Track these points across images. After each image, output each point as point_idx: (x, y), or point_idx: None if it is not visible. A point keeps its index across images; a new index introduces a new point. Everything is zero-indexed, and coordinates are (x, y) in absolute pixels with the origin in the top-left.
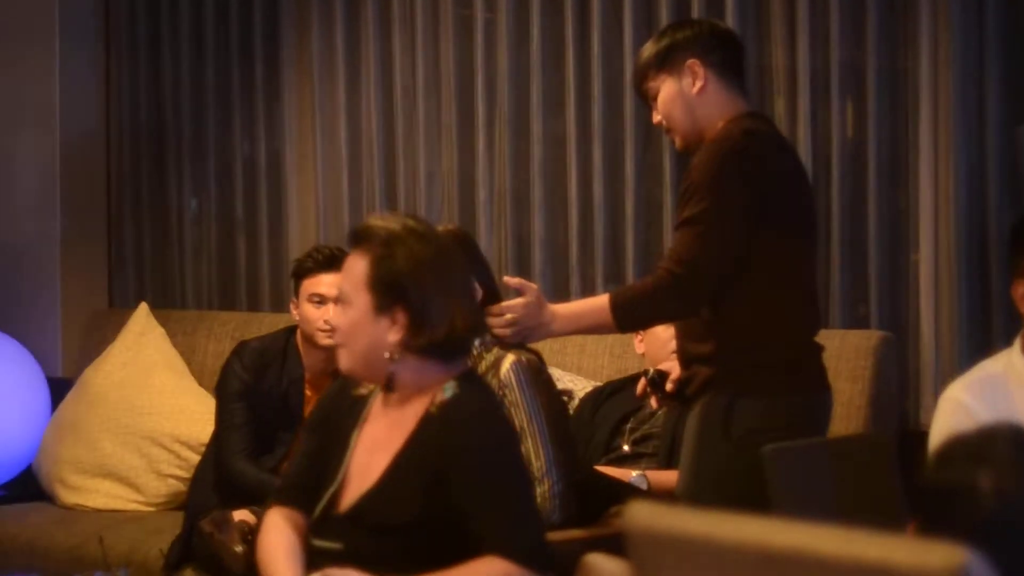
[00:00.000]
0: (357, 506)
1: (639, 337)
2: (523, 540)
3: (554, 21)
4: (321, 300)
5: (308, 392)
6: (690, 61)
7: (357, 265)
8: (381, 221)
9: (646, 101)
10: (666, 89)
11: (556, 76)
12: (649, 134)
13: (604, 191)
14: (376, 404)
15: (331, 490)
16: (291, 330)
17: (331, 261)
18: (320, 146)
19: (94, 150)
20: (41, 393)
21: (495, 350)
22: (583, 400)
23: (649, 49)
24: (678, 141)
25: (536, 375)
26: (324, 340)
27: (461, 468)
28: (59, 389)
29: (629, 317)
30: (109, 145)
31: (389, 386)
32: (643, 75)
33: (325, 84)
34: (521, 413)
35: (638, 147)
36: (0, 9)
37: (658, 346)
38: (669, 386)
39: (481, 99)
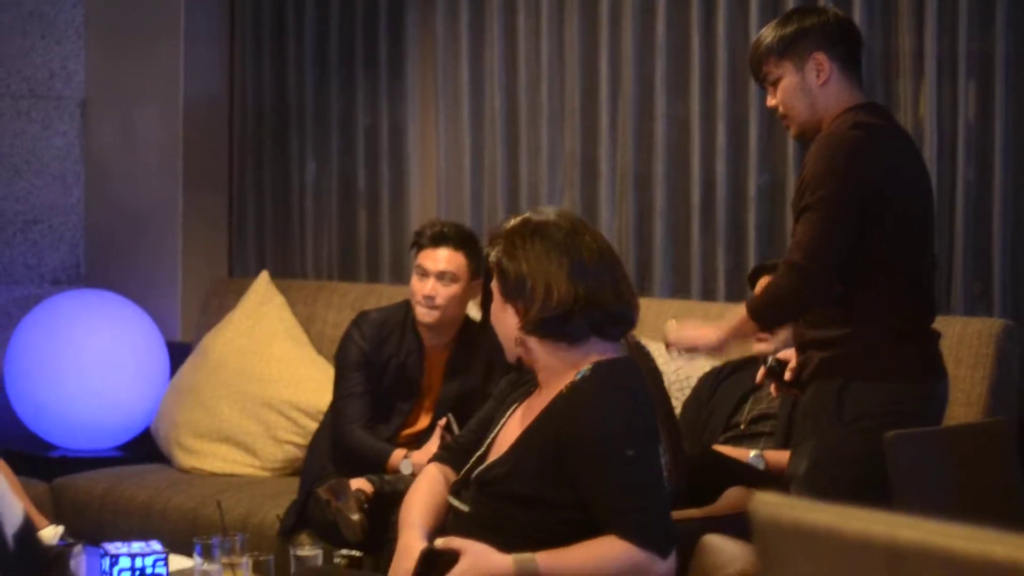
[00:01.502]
0: (484, 473)
1: None
2: (644, 522)
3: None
4: (424, 273)
5: (426, 363)
6: (816, 53)
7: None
8: (507, 218)
9: (761, 83)
10: (788, 78)
11: (681, 56)
12: (773, 115)
13: (727, 172)
14: (537, 388)
15: (476, 456)
16: (410, 302)
17: (439, 238)
18: (443, 122)
19: (217, 120)
20: (160, 357)
21: None
22: (702, 379)
23: (771, 35)
24: (794, 129)
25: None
26: (421, 313)
27: (579, 449)
28: (178, 353)
29: (769, 318)
30: (232, 115)
31: (523, 367)
32: (763, 60)
33: (449, 60)
34: None
35: (762, 128)
36: None
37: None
38: (788, 375)
39: (605, 79)
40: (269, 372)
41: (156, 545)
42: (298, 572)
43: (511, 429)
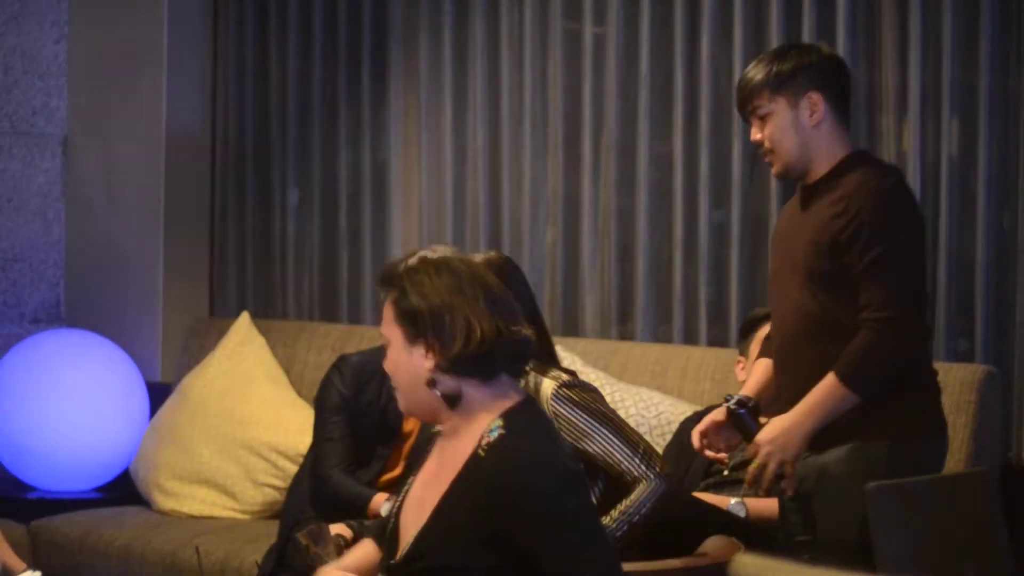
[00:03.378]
0: (411, 552)
1: (741, 364)
2: (601, 571)
3: (663, 37)
4: None
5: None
6: (811, 92)
7: (386, 307)
8: (398, 260)
9: (746, 117)
10: (780, 115)
11: (664, 94)
12: (756, 151)
13: (709, 211)
14: (438, 441)
15: (387, 531)
16: None
17: None
18: (425, 158)
19: (199, 157)
20: (140, 397)
21: (532, 375)
22: (683, 424)
23: (764, 69)
24: (778, 166)
25: (578, 393)
26: None
27: (517, 510)
28: (158, 394)
29: (865, 381)
30: (214, 152)
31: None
32: (755, 93)
33: (432, 95)
34: (581, 431)
35: (745, 166)
36: (111, 13)
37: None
38: (763, 419)
39: (588, 115)
40: (249, 414)
41: None
42: None
43: (419, 492)
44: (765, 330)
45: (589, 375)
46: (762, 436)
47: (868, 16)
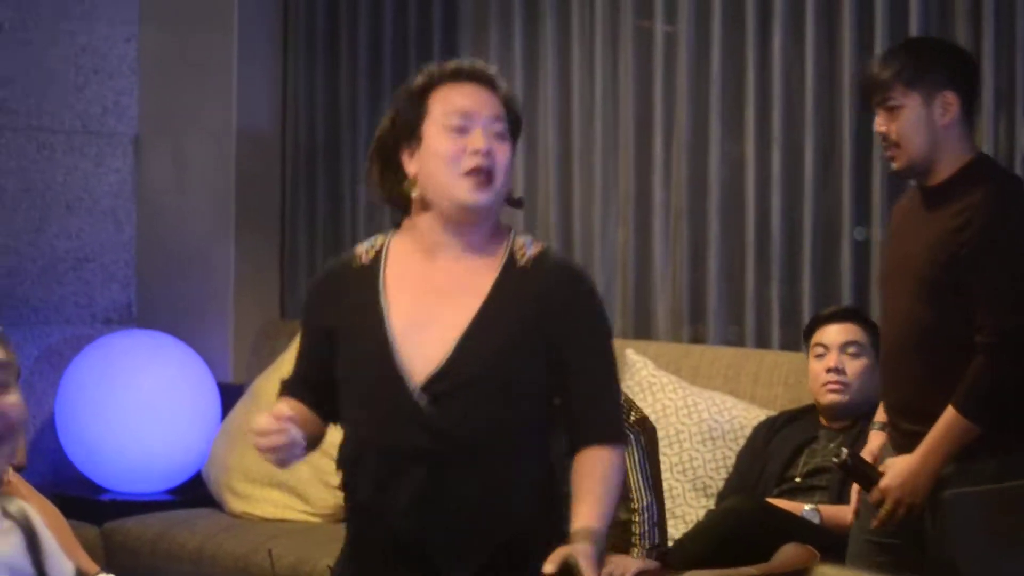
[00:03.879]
0: (444, 369)
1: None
2: (620, 426)
3: (735, 35)
4: None
5: None
6: (947, 91)
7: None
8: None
9: (871, 106)
10: (912, 110)
11: (736, 93)
12: (829, 155)
13: (782, 211)
14: (394, 268)
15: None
16: None
17: None
18: None
19: (269, 156)
20: (211, 399)
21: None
22: (756, 429)
23: (902, 60)
24: (902, 162)
25: None
26: None
27: (575, 332)
28: (229, 395)
29: (988, 408)
30: (284, 151)
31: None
32: (890, 84)
33: None
34: None
35: (817, 166)
36: (181, 11)
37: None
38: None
39: (659, 117)
40: None
41: None
42: None
43: (420, 313)
44: (825, 332)
45: (661, 379)
46: (889, 481)
47: (941, 15)
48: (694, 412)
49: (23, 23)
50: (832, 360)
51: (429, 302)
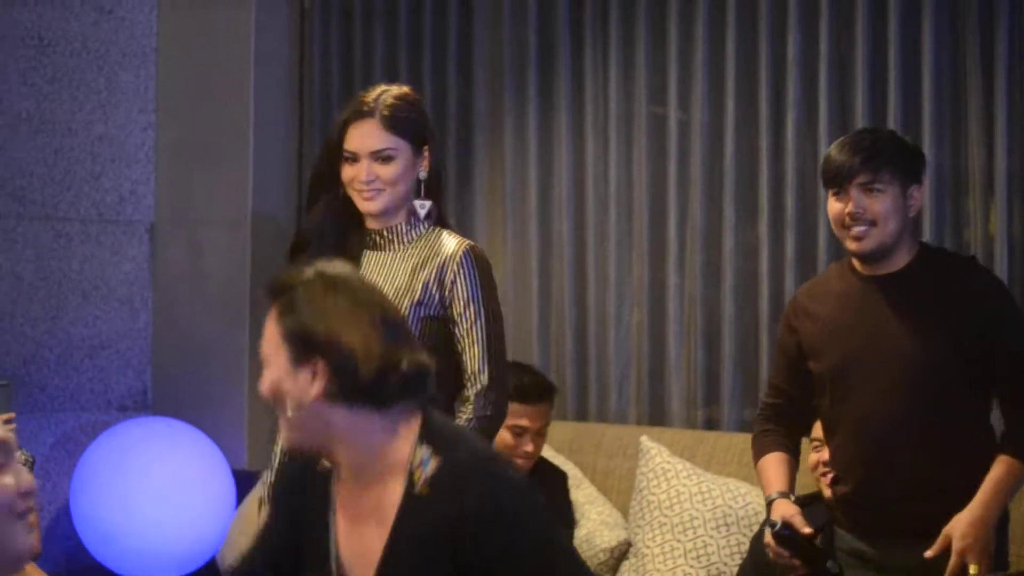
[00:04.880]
0: None
1: (815, 445)
2: None
3: (748, 121)
4: None
5: None
6: (917, 186)
7: (270, 322)
8: (289, 271)
9: (845, 186)
10: (893, 197)
11: (749, 178)
12: (841, 251)
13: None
14: (340, 483)
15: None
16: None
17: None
18: (510, 244)
19: (285, 247)
20: (226, 485)
21: (438, 230)
22: (753, 543)
23: (896, 145)
24: (871, 243)
25: (488, 269)
26: None
27: (487, 543)
28: (244, 482)
29: None
30: None
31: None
32: (884, 165)
33: (517, 178)
34: (464, 303)
35: (830, 259)
36: (197, 101)
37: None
38: (807, 530)
39: (673, 203)
40: None
41: None
42: None
43: (353, 542)
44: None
45: (676, 465)
46: (954, 535)
47: (954, 100)
48: (708, 499)
49: (40, 113)
50: (827, 454)
51: (356, 529)
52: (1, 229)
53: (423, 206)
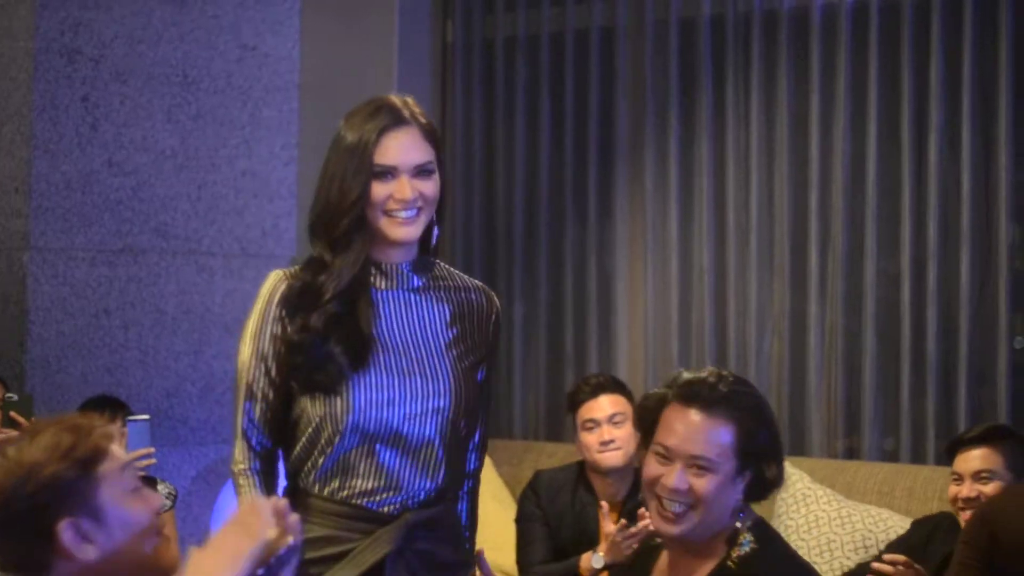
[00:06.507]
0: None
1: (955, 478)
2: None
3: (891, 150)
4: (595, 424)
5: (601, 518)
6: None
7: (721, 431)
8: (731, 385)
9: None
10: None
11: (891, 214)
12: (985, 273)
13: (938, 325)
14: (663, 558)
15: None
16: (582, 463)
17: (600, 387)
18: (651, 275)
19: None
20: None
21: (441, 265)
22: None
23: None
24: None
25: None
26: (607, 460)
27: None
28: None
29: None
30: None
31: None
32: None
33: (658, 213)
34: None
35: (973, 288)
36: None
37: None
38: None
39: (815, 233)
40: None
41: None
42: None
43: None
44: (970, 454)
45: (816, 491)
46: None
47: None
48: (847, 523)
49: (185, 149)
50: (965, 490)
51: None
52: (145, 264)
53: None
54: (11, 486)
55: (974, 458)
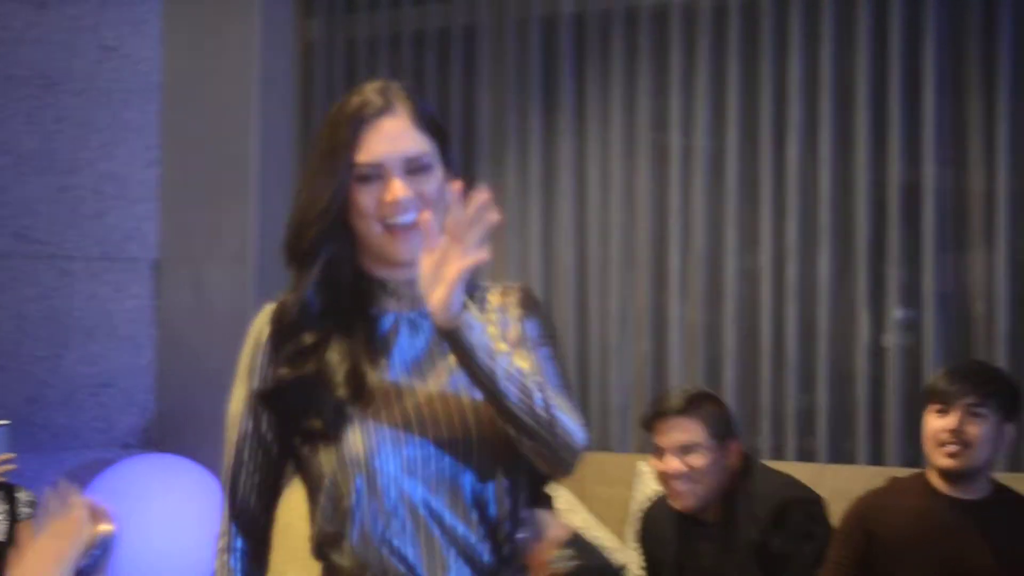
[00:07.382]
0: None
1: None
2: None
3: (750, 150)
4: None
5: None
6: (1011, 425)
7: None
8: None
9: (952, 405)
10: (992, 425)
11: (751, 211)
12: (844, 270)
13: (798, 321)
14: None
15: None
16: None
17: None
18: (512, 273)
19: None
20: None
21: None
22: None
23: (997, 383)
24: (963, 460)
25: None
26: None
27: None
28: None
29: None
30: None
31: None
32: (982, 402)
33: (519, 210)
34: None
35: (833, 283)
36: (201, 136)
37: None
38: None
39: (675, 231)
40: None
41: None
42: None
43: None
44: (669, 425)
45: None
46: None
47: (954, 125)
48: None
49: (45, 152)
50: (674, 464)
51: None
52: (5, 268)
53: None
54: None
55: (674, 429)
